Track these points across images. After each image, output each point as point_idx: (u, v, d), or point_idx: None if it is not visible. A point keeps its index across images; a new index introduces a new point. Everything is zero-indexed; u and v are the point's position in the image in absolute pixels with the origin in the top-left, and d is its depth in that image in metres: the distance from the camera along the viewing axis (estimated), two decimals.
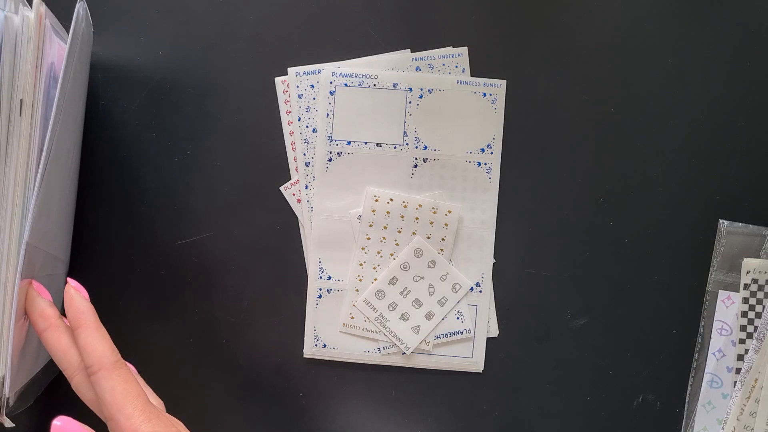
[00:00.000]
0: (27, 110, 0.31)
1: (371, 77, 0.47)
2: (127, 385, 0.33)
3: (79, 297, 0.35)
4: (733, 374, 0.46)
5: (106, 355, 0.34)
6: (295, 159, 0.47)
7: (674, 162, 0.47)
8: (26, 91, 0.31)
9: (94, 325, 0.35)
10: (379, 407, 0.47)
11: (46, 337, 0.35)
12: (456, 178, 0.47)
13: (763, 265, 0.46)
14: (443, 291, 0.47)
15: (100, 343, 0.34)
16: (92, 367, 0.33)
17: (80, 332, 0.34)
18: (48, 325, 0.35)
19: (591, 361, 0.47)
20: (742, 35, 0.47)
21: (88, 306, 0.35)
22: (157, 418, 0.33)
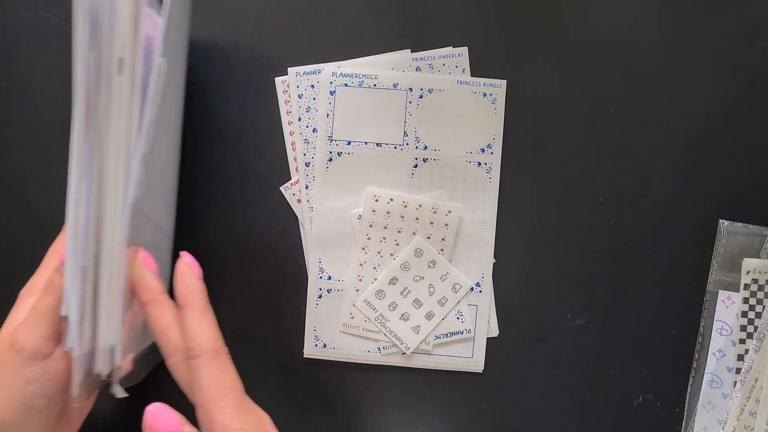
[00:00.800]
0: (127, 70, 0.31)
1: (371, 77, 0.47)
2: (224, 376, 0.33)
3: (191, 274, 0.35)
4: (733, 374, 0.46)
5: (209, 341, 0.33)
6: (295, 159, 0.47)
7: (674, 162, 0.47)
8: (126, 50, 0.31)
9: (203, 307, 0.34)
10: (379, 407, 0.47)
11: (148, 310, 0.34)
12: (456, 178, 0.47)
13: (763, 265, 0.46)
14: (443, 291, 0.47)
15: (206, 328, 0.33)
16: (193, 351, 0.33)
17: (187, 312, 0.34)
18: (152, 298, 0.35)
19: (591, 361, 0.47)
20: (742, 35, 0.47)
21: (199, 285, 0.35)
22: (247, 415, 0.33)
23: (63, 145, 0.48)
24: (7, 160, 0.48)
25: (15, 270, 0.48)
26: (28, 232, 0.48)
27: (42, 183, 0.48)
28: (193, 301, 0.34)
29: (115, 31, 0.30)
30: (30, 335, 0.34)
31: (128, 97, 0.31)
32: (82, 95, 0.30)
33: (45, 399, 0.35)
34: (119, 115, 0.31)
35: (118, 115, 0.31)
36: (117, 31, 0.30)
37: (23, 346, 0.34)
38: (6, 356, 0.34)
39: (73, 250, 0.32)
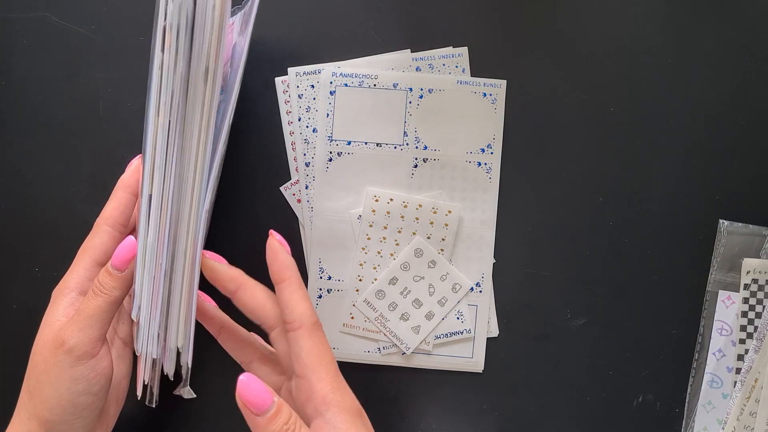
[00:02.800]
0: (210, 78, 0.31)
1: (371, 77, 0.47)
2: (322, 348, 0.35)
3: (283, 251, 0.37)
4: (733, 374, 0.46)
5: (308, 314, 0.35)
6: (295, 159, 0.47)
7: (674, 162, 0.47)
8: (211, 60, 0.31)
9: (298, 281, 0.36)
10: (379, 407, 0.47)
11: (239, 296, 0.36)
12: (456, 178, 0.47)
13: (763, 265, 0.46)
14: (443, 291, 0.47)
15: (304, 301, 0.35)
16: (293, 324, 0.34)
17: (284, 287, 0.35)
18: (239, 284, 0.36)
19: (591, 361, 0.47)
20: (742, 35, 0.47)
21: (291, 260, 0.36)
22: (343, 390, 0.34)
23: (63, 144, 0.48)
24: (7, 160, 0.48)
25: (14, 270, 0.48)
26: (28, 231, 0.48)
27: (41, 183, 0.48)
28: (288, 276, 0.36)
29: (205, 40, 0.31)
30: (79, 336, 0.35)
31: (209, 106, 0.32)
32: (166, 102, 0.31)
33: (91, 396, 0.36)
34: (201, 122, 0.32)
35: (200, 123, 0.32)
36: (206, 41, 0.31)
37: (72, 347, 0.35)
38: (53, 357, 0.35)
39: (151, 255, 0.34)
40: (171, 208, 0.33)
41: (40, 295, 0.48)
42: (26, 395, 0.36)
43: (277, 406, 0.33)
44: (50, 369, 0.35)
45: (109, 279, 0.36)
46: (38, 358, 0.36)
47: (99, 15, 0.47)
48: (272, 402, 0.33)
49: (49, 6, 0.47)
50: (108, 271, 0.36)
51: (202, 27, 0.30)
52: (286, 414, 0.33)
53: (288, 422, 0.33)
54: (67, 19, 0.47)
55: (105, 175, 0.47)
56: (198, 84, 0.31)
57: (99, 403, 0.37)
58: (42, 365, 0.36)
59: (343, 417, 0.34)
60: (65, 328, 0.36)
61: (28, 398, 0.36)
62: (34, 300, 0.48)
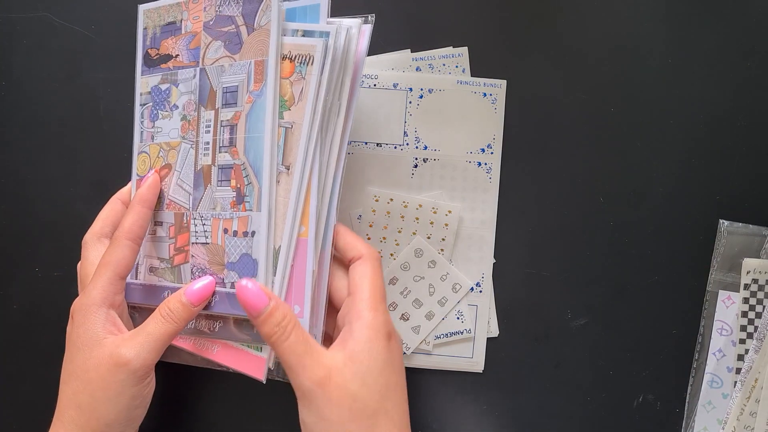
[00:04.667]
0: (345, 96, 0.40)
1: (371, 77, 0.47)
2: (374, 275, 0.39)
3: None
4: (733, 374, 0.46)
5: (365, 248, 0.40)
6: None
7: (674, 162, 0.47)
8: (346, 87, 0.40)
9: (349, 231, 0.41)
10: None
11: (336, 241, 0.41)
12: (456, 178, 0.47)
13: (763, 265, 0.46)
14: (443, 291, 0.47)
15: (360, 241, 0.40)
16: (354, 257, 0.40)
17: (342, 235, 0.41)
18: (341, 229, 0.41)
19: (591, 361, 0.47)
20: (742, 35, 0.47)
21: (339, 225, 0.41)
22: (380, 312, 0.38)
23: (63, 144, 0.48)
24: (7, 160, 0.48)
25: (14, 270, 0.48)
26: (27, 231, 0.48)
27: (41, 183, 0.48)
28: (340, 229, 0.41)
29: (347, 72, 0.40)
30: (145, 358, 0.37)
31: (344, 117, 0.40)
32: (321, 117, 0.39)
33: (144, 408, 0.39)
34: (338, 130, 0.40)
35: (337, 131, 0.40)
36: (349, 73, 0.40)
37: (137, 368, 0.37)
38: (113, 375, 0.37)
39: (313, 254, 0.39)
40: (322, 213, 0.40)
41: (40, 295, 0.48)
42: (75, 410, 0.37)
43: (272, 308, 0.36)
44: (110, 386, 0.36)
45: (183, 309, 0.38)
46: (93, 376, 0.37)
47: (99, 15, 0.47)
48: (266, 304, 0.36)
49: (49, 6, 0.47)
50: (182, 302, 0.38)
51: (346, 61, 0.40)
52: (279, 315, 0.36)
53: (281, 323, 0.36)
54: (67, 19, 0.47)
55: (105, 175, 0.47)
56: (343, 103, 0.40)
57: (146, 410, 0.39)
58: (99, 382, 0.36)
59: (366, 332, 0.36)
60: (126, 347, 0.37)
61: (78, 413, 0.37)
62: (34, 300, 0.48)
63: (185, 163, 0.41)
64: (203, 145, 0.41)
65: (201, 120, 0.41)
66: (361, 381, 0.36)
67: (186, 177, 0.41)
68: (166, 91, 0.42)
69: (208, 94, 0.41)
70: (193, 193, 0.41)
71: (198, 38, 0.41)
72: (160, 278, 0.41)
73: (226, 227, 0.40)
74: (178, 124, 0.41)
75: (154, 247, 0.42)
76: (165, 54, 0.42)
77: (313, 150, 0.39)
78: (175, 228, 0.41)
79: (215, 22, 0.41)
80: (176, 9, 0.42)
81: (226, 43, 0.40)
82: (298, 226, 0.39)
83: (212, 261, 0.40)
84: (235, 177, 0.40)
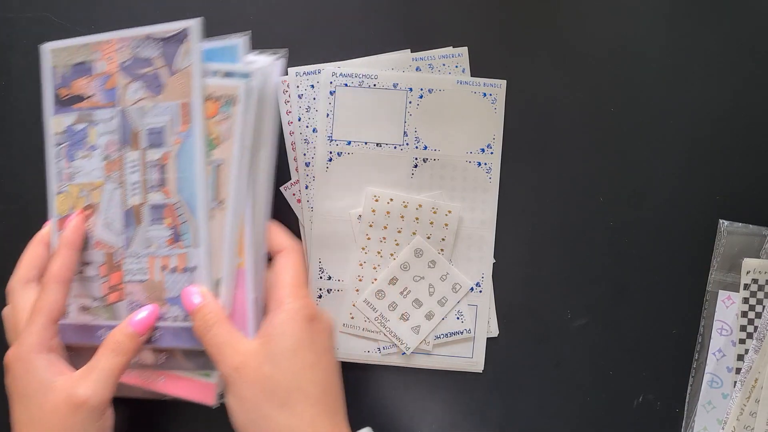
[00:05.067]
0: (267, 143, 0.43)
1: (371, 77, 0.47)
2: (294, 265, 0.41)
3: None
4: (733, 374, 0.46)
5: (285, 241, 0.42)
6: (295, 159, 0.47)
7: (674, 162, 0.47)
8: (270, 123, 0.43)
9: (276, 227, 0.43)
10: (379, 407, 0.47)
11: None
12: (456, 178, 0.47)
13: (763, 265, 0.46)
14: (443, 291, 0.47)
15: (281, 234, 0.42)
16: (273, 251, 0.42)
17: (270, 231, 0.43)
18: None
19: (591, 361, 0.47)
20: (742, 35, 0.47)
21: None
22: (298, 297, 0.40)
23: None
24: (6, 161, 0.48)
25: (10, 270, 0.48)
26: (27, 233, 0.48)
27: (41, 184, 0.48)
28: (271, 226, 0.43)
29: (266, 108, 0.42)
30: (102, 393, 0.38)
31: (268, 149, 0.42)
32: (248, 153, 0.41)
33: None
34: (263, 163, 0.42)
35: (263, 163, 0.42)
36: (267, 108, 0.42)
37: (96, 405, 0.37)
38: (74, 416, 0.37)
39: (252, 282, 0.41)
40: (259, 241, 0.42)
41: None
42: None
43: (201, 305, 0.39)
44: (72, 428, 0.37)
45: (130, 340, 0.39)
46: (53, 420, 0.37)
47: (99, 15, 0.47)
48: (196, 303, 0.39)
49: (49, 6, 0.47)
50: (129, 333, 0.39)
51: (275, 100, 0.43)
52: (206, 310, 0.39)
53: (205, 317, 0.39)
54: (67, 19, 0.47)
55: None
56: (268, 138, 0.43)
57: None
58: (60, 426, 0.37)
59: (281, 315, 0.39)
60: (81, 386, 0.37)
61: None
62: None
63: (112, 203, 0.42)
64: (131, 185, 0.42)
65: (125, 160, 0.42)
66: (274, 362, 0.37)
67: (114, 217, 0.42)
68: (82, 132, 0.43)
69: (131, 135, 0.42)
70: (124, 233, 0.42)
71: (114, 79, 0.42)
72: (95, 317, 0.43)
73: (165, 264, 0.41)
74: (101, 164, 0.43)
75: (84, 286, 0.43)
76: (77, 94, 0.43)
77: (245, 184, 0.41)
78: (107, 267, 0.42)
79: (132, 63, 0.42)
80: (86, 49, 0.43)
81: (146, 84, 0.42)
82: (236, 257, 0.41)
83: (151, 297, 0.42)
84: (170, 215, 0.41)
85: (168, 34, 0.42)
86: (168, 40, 0.41)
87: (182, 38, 0.41)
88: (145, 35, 0.42)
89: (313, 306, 0.40)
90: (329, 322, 0.41)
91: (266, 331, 0.39)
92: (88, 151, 0.43)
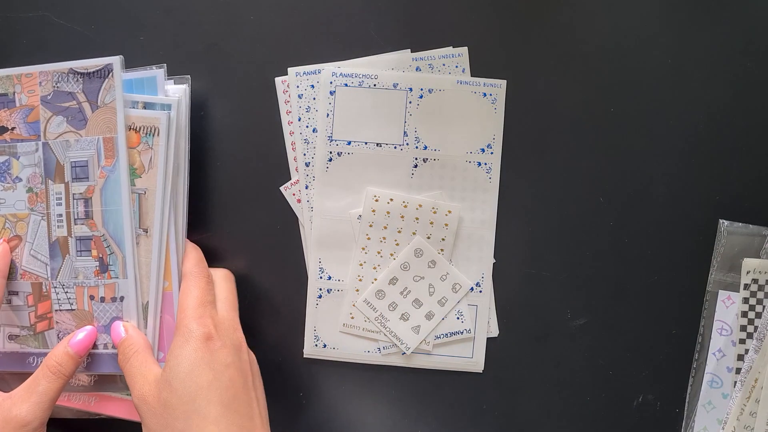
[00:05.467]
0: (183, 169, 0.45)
1: (371, 77, 0.47)
2: (193, 289, 0.42)
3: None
4: (733, 374, 0.46)
5: (185, 268, 0.44)
6: (295, 159, 0.47)
7: (674, 162, 0.47)
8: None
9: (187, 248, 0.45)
10: (379, 407, 0.47)
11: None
12: (456, 178, 0.47)
13: (764, 265, 0.46)
14: (443, 291, 0.47)
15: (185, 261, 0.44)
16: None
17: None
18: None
19: (591, 361, 0.47)
20: (742, 36, 0.47)
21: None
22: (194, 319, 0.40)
23: None
24: None
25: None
26: None
27: None
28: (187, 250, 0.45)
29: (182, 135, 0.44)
30: (41, 415, 0.39)
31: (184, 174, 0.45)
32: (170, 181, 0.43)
33: None
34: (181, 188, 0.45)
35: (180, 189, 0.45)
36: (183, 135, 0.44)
37: (36, 426, 0.39)
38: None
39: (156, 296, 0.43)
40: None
41: None
42: None
43: (122, 340, 0.42)
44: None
45: (70, 361, 0.41)
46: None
47: (99, 15, 0.47)
48: (121, 337, 0.42)
49: (49, 6, 0.47)
50: (69, 354, 0.41)
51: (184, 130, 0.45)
52: (127, 343, 0.41)
53: (126, 350, 0.41)
54: (67, 19, 0.47)
55: None
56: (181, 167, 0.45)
57: None
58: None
59: (176, 340, 0.40)
60: (21, 408, 0.39)
61: None
62: None
63: (38, 234, 0.43)
64: (56, 217, 0.43)
65: (50, 193, 0.43)
66: (170, 388, 0.39)
67: (40, 248, 0.43)
68: (5, 163, 0.44)
69: (55, 168, 0.43)
70: (50, 263, 0.43)
71: (36, 112, 0.43)
72: (23, 345, 0.44)
73: (92, 294, 0.43)
74: (24, 196, 0.44)
75: (11, 316, 0.44)
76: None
77: (168, 211, 0.43)
78: (34, 297, 0.44)
79: (53, 97, 0.43)
80: (7, 81, 0.44)
81: (69, 118, 0.43)
82: (162, 282, 0.43)
83: (80, 326, 0.43)
84: (96, 247, 0.43)
85: (90, 69, 0.43)
86: (90, 75, 0.42)
87: (105, 74, 0.42)
88: (67, 69, 0.43)
89: (209, 325, 0.41)
90: (233, 336, 0.42)
91: (167, 357, 0.40)
92: (12, 183, 0.44)
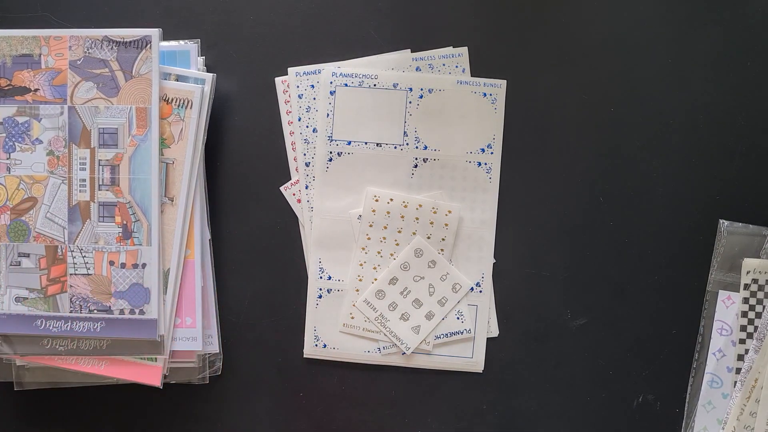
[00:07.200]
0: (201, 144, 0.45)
1: (371, 77, 0.47)
2: None
3: None
4: (733, 374, 0.46)
5: None
6: (295, 159, 0.47)
7: (674, 162, 0.47)
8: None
9: None
10: (379, 407, 0.47)
11: None
12: (456, 178, 0.47)
13: (763, 265, 0.46)
14: (443, 291, 0.47)
15: None
16: None
17: None
18: None
19: (591, 361, 0.47)
20: (742, 35, 0.47)
21: None
22: None
23: None
24: None
25: None
26: None
27: None
28: None
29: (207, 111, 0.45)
30: None
31: (202, 148, 0.46)
32: (198, 153, 0.45)
33: None
34: (202, 161, 0.46)
35: (202, 162, 0.46)
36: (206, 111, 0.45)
37: None
38: None
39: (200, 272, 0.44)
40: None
41: None
42: None
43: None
44: None
45: None
46: None
47: (99, 15, 0.47)
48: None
49: (49, 6, 0.47)
50: None
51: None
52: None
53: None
54: (67, 19, 0.47)
55: None
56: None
57: None
58: None
59: None
60: None
61: None
62: None
63: (56, 198, 0.43)
64: (78, 181, 0.43)
65: (74, 157, 0.43)
66: None
67: (58, 211, 0.43)
68: (24, 125, 0.43)
69: (81, 133, 0.43)
70: (68, 227, 0.43)
71: (63, 75, 0.43)
72: (30, 308, 0.43)
73: (113, 260, 0.43)
74: (44, 159, 0.43)
75: (20, 278, 0.44)
76: (20, 86, 0.43)
77: (195, 182, 0.44)
78: (48, 259, 0.43)
79: (84, 63, 0.43)
80: (33, 42, 0.43)
81: (99, 85, 0.43)
82: (184, 250, 0.43)
83: (96, 291, 0.43)
84: (121, 214, 0.43)
85: (127, 39, 0.43)
86: (127, 45, 0.42)
87: (143, 45, 0.42)
88: (101, 36, 0.43)
89: None
90: None
91: None
92: (31, 144, 0.43)
